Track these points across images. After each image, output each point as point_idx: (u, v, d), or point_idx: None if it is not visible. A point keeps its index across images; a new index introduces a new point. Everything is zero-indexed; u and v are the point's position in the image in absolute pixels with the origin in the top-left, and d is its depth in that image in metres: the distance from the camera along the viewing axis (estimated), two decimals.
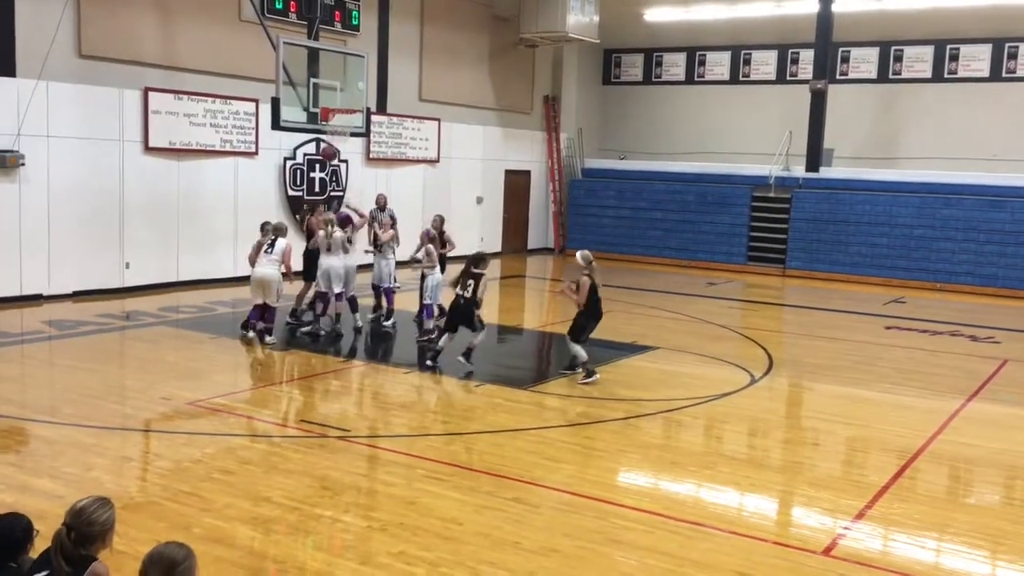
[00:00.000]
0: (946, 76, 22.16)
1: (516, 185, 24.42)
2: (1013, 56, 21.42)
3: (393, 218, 14.41)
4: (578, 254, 10.97)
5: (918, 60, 22.56)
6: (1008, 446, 8.76)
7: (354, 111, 14.69)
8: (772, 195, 22.75)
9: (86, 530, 3.61)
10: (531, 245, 25.06)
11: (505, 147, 23.79)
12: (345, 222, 12.94)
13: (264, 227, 12.21)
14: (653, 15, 24.73)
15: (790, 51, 24.16)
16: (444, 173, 21.74)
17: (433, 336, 11.80)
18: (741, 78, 24.95)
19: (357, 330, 12.82)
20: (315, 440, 7.93)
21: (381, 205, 14.74)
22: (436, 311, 12.76)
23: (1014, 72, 21.37)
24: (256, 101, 16.60)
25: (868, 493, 7.13)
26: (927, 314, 16.79)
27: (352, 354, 11.91)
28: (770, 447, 8.89)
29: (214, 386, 9.77)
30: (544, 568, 5.52)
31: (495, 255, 23.42)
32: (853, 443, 8.92)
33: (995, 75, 21.58)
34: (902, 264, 20.82)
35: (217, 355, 11.48)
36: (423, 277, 12.99)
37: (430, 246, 12.89)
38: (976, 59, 21.84)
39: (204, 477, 6.90)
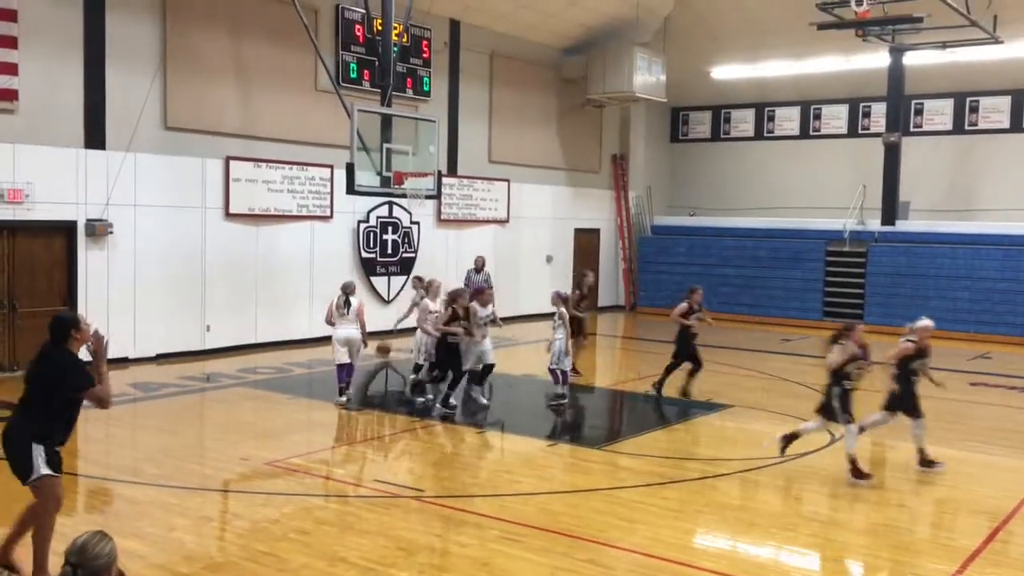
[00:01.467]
0: (1023, 127, 21.67)
1: (586, 243, 24.49)
2: None
3: (488, 283, 14.55)
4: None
5: (994, 110, 22.13)
6: None
7: (426, 174, 14.99)
8: (847, 249, 22.38)
9: (92, 565, 3.62)
10: (602, 303, 25.01)
11: (574, 206, 23.95)
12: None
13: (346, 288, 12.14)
14: (720, 73, 24.81)
15: (861, 105, 23.95)
16: (514, 233, 21.95)
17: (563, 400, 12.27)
18: (811, 132, 24.78)
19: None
20: (390, 500, 7.97)
21: (479, 267, 15.87)
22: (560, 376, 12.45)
23: None
24: (331, 167, 17.08)
25: (959, 557, 6.86)
26: (1014, 370, 16.21)
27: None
28: (853, 508, 8.62)
29: (291, 446, 9.92)
30: None
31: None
32: (941, 504, 8.61)
33: None
34: (986, 318, 20.18)
35: (294, 415, 11.67)
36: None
37: (563, 309, 12.61)
38: None
39: (281, 537, 6.98)
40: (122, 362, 14.43)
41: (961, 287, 20.65)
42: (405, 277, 19.09)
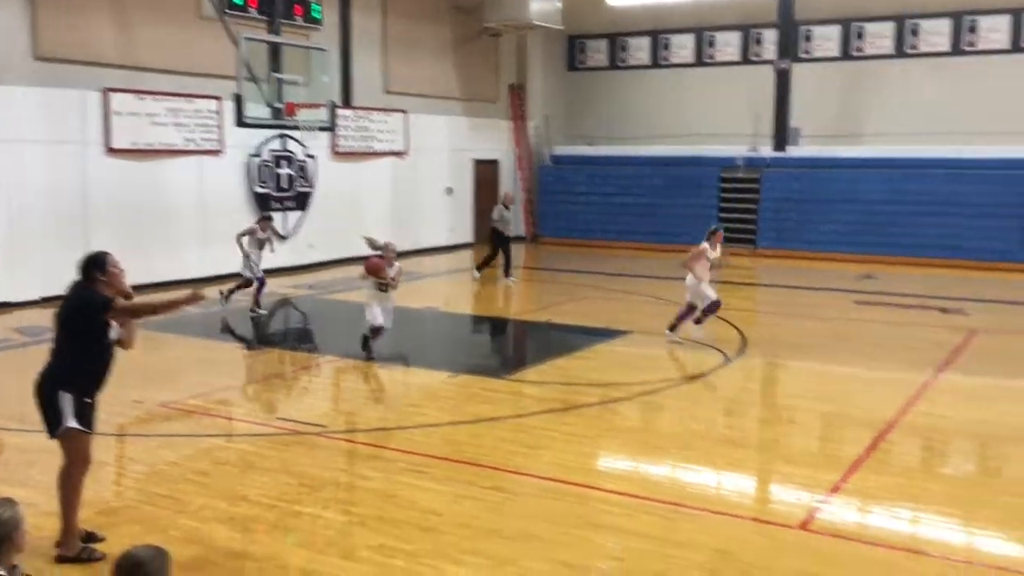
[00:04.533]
0: (908, 52, 22.33)
1: (485, 175, 24.36)
2: (972, 30, 21.61)
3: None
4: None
5: (879, 36, 22.70)
6: (979, 416, 8.87)
7: (319, 106, 14.59)
8: (741, 176, 22.88)
9: None
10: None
11: (473, 137, 23.72)
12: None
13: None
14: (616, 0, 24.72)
15: (753, 31, 24.23)
16: (412, 165, 21.65)
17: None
18: (705, 60, 24.99)
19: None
20: (292, 437, 7.88)
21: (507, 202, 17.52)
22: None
23: (974, 46, 21.57)
24: (219, 99, 16.43)
25: (843, 467, 7.20)
26: (897, 288, 16.97)
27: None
28: (746, 426, 8.96)
29: (188, 387, 9.69)
30: (524, 554, 5.53)
31: (467, 246, 23.38)
32: (827, 418, 9.00)
33: (956, 49, 21.76)
34: (871, 240, 20.98)
35: (190, 355, 11.38)
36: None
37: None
38: (936, 34, 22.02)
39: (179, 479, 6.85)
40: (3, 307, 13.78)
41: (848, 210, 21.37)
42: (301, 212, 18.69)
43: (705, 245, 11.95)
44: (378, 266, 10.62)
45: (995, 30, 21.40)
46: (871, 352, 11.61)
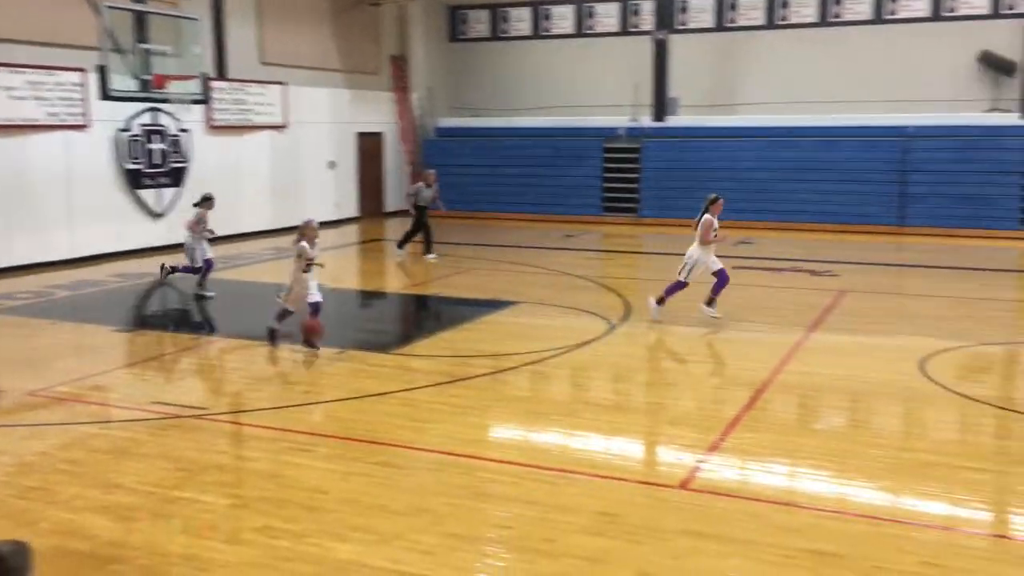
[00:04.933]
0: (778, 23, 23.02)
1: (369, 147, 24.02)
2: (838, 1, 22.43)
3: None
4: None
5: (751, 8, 23.32)
6: (847, 372, 9.30)
7: (191, 77, 14.06)
8: (623, 146, 23.25)
9: None
10: (389, 208, 24.77)
11: (355, 109, 23.32)
12: None
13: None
14: None
15: (630, 3, 24.53)
16: (293, 139, 21.15)
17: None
18: (585, 31, 25.19)
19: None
20: (170, 422, 7.63)
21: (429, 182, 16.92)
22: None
23: (840, 17, 22.40)
24: (83, 71, 15.63)
25: (722, 426, 7.44)
26: (772, 253, 17.59)
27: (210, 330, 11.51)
28: (630, 390, 9.15)
29: (57, 373, 9.25)
30: (413, 528, 5.52)
31: (353, 220, 23.05)
32: (708, 380, 9.29)
33: (822, 20, 22.55)
34: (747, 207, 21.64)
35: (59, 341, 10.88)
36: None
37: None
38: (804, 5, 22.77)
39: (50, 469, 6.55)
40: None
41: (726, 178, 21.94)
42: (177, 188, 18.04)
43: (709, 217, 11.43)
44: (314, 328, 9.87)
45: (859, 1, 22.27)
46: (748, 315, 12.00)
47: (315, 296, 9.95)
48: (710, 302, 11.46)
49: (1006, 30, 20.65)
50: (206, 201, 13.30)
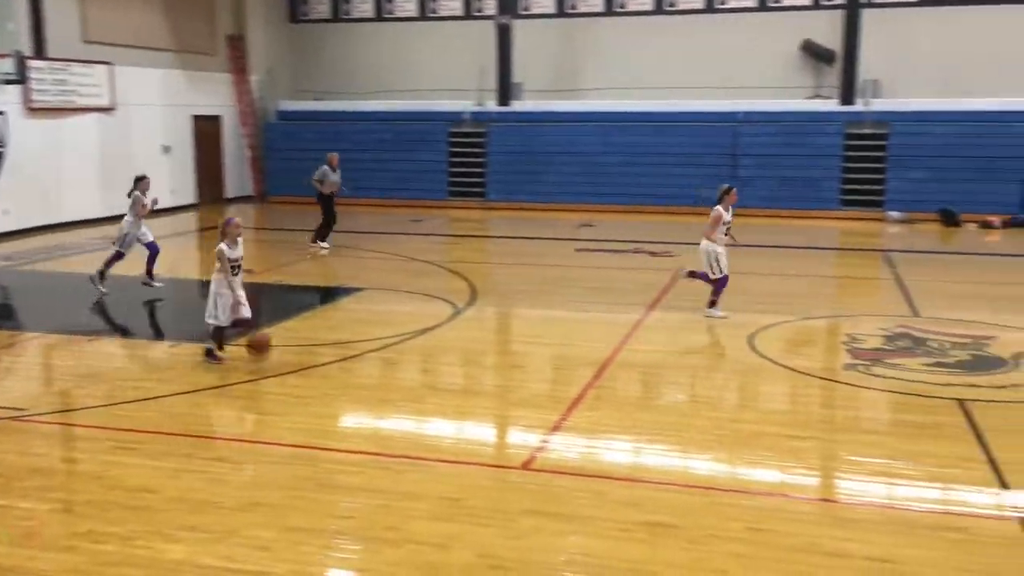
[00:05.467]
0: (616, 10, 23.54)
1: (206, 131, 23.09)
2: None
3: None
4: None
5: None
6: (683, 348, 9.65)
7: (3, 56, 13.09)
8: (469, 130, 23.29)
9: None
10: (230, 194, 23.91)
11: (190, 91, 22.34)
12: None
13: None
14: None
15: None
16: (122, 121, 20.06)
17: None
18: (429, 15, 25.03)
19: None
20: None
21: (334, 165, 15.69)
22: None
23: (674, 5, 23.10)
24: None
25: (564, 406, 7.57)
26: (612, 235, 18.05)
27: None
28: (475, 374, 9.19)
29: None
30: (249, 524, 5.35)
31: (191, 207, 22.14)
32: (552, 361, 9.43)
33: (659, 8, 23.21)
34: (590, 190, 22.15)
35: None
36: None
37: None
38: None
39: None
40: None
41: (569, 162, 22.41)
42: None
43: (720, 208, 10.86)
44: (262, 343, 8.81)
45: None
46: (591, 296, 12.27)
47: (244, 310, 8.78)
48: (712, 304, 10.90)
49: (826, 20, 21.83)
50: (139, 181, 12.62)
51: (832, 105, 21.61)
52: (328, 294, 12.27)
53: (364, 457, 6.48)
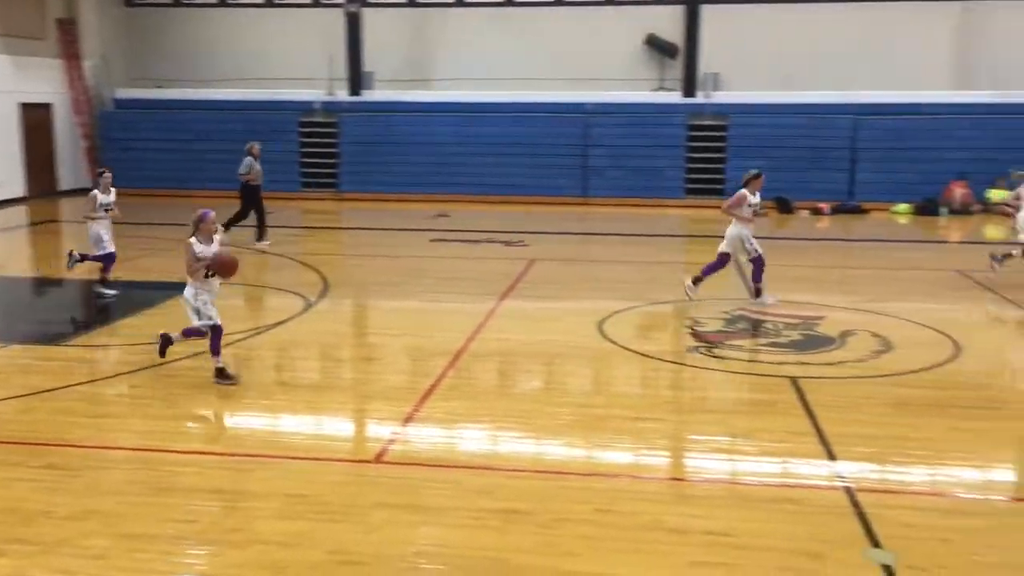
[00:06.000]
0: (466, 1, 23.54)
1: (36, 120, 21.73)
2: None
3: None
4: None
5: None
6: (535, 336, 9.78)
7: None
8: (320, 120, 22.85)
9: None
10: (64, 186, 22.60)
11: (16, 78, 20.96)
12: None
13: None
14: None
15: None
16: None
17: None
18: (275, 1, 24.34)
19: None
20: None
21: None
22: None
23: None
24: None
25: (417, 397, 7.55)
26: (467, 225, 18.12)
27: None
28: (327, 368, 9.04)
29: None
30: (81, 533, 5.08)
31: (20, 200, 20.81)
32: (406, 352, 9.37)
33: (507, 1, 23.35)
34: (444, 180, 22.14)
35: None
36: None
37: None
38: None
39: None
40: None
41: (423, 152, 22.31)
42: None
43: (745, 191, 10.87)
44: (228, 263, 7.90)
45: None
46: (445, 286, 12.28)
47: (215, 317, 7.93)
48: (697, 280, 11.15)
49: (668, 15, 22.54)
50: (98, 176, 11.68)
51: (675, 97, 22.37)
52: (171, 290, 11.75)
53: (208, 458, 6.27)
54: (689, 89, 22.22)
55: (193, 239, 7.92)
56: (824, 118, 21.39)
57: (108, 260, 11.67)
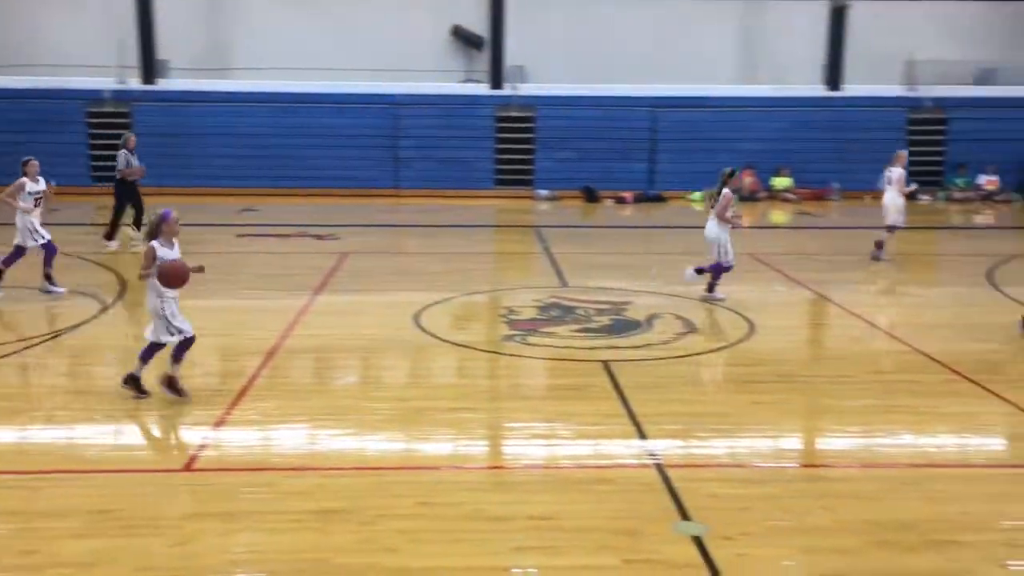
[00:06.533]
0: None
1: None
2: None
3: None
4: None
5: None
6: (351, 330, 9.64)
7: None
8: (110, 110, 21.49)
9: None
10: None
11: None
12: None
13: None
14: None
15: None
16: None
17: None
18: None
19: None
20: None
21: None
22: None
23: None
24: None
25: (228, 400, 7.25)
26: (277, 219, 17.59)
27: None
28: (123, 374, 8.51)
29: None
30: None
31: None
32: (215, 353, 8.95)
33: None
34: (252, 172, 21.39)
35: None
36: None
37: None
38: None
39: None
40: None
41: (226, 144, 21.46)
42: None
43: (728, 192, 10.76)
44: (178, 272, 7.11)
45: None
46: (255, 282, 11.86)
47: (187, 329, 7.27)
48: (711, 288, 10.99)
49: (474, 7, 22.71)
50: (24, 164, 11.09)
51: (483, 89, 22.61)
52: None
53: None
54: (496, 81, 22.51)
55: (156, 243, 7.15)
56: (625, 110, 22.25)
57: (49, 252, 10.90)
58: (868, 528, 5.21)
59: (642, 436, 6.64)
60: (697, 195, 21.68)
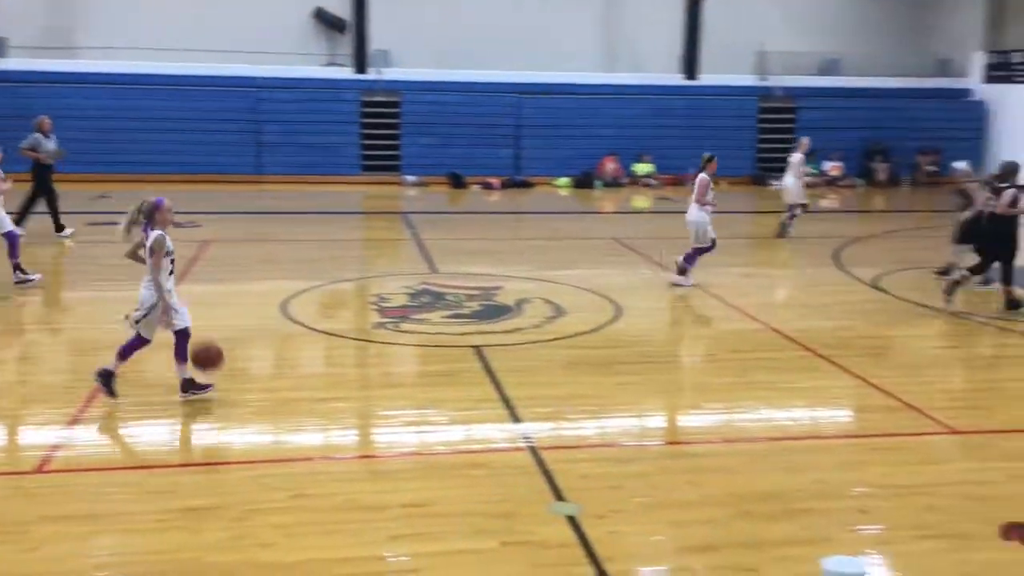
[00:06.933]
0: None
1: None
2: None
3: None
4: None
5: None
6: (214, 322, 9.24)
7: None
8: None
9: None
10: None
11: None
12: None
13: None
14: None
15: None
16: None
17: None
18: None
19: None
20: None
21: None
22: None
23: None
24: None
25: (83, 397, 6.90)
26: (132, 206, 16.77)
27: None
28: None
29: None
30: None
31: None
32: (71, 348, 8.57)
33: None
34: (104, 158, 20.35)
35: None
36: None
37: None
38: None
39: None
40: None
41: (74, 128, 20.18)
42: None
43: (705, 176, 10.94)
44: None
45: None
46: (111, 273, 11.23)
47: (183, 318, 7.03)
48: (683, 271, 11.16)
49: None
50: None
51: (347, 73, 22.22)
52: None
53: None
54: (360, 65, 22.16)
55: (158, 231, 7.09)
56: (490, 96, 22.31)
57: (13, 241, 10.24)
58: (732, 500, 5.44)
59: (515, 420, 6.72)
60: (562, 181, 22.03)
